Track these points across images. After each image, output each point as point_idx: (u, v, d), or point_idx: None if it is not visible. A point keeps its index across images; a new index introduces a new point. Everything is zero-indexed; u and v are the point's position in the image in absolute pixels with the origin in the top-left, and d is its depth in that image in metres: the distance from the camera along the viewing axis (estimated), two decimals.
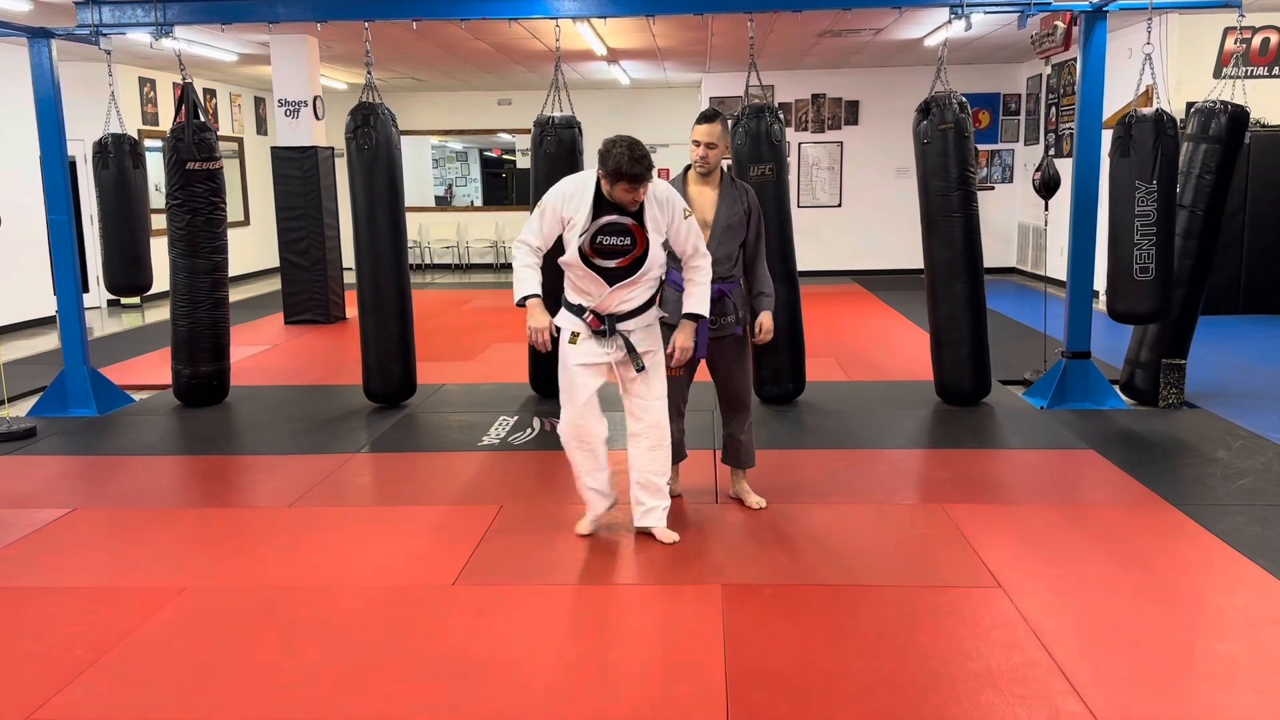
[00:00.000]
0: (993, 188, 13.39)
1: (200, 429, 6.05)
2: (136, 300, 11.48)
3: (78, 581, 3.76)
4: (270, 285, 13.00)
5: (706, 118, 4.15)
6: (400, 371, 6.33)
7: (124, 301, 11.51)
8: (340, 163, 8.43)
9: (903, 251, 12.75)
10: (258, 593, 3.62)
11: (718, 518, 4.23)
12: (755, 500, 4.37)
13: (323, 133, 10.09)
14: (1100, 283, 6.83)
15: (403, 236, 6.29)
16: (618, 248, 3.71)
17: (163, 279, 6.70)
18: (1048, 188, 6.59)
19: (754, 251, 4.22)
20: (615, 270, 3.73)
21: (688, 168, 4.25)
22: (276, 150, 9.86)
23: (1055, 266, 10.61)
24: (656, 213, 3.74)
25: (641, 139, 3.80)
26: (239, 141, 14.06)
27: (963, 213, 5.95)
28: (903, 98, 11.81)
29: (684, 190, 4.15)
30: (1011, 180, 13.48)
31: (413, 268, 13.70)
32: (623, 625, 3.39)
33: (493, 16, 6.15)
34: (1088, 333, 6.17)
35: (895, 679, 2.92)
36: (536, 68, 12.27)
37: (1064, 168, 6.61)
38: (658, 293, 3.90)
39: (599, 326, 3.80)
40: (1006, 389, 6.56)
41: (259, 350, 8.60)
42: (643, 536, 4.05)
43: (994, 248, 12.37)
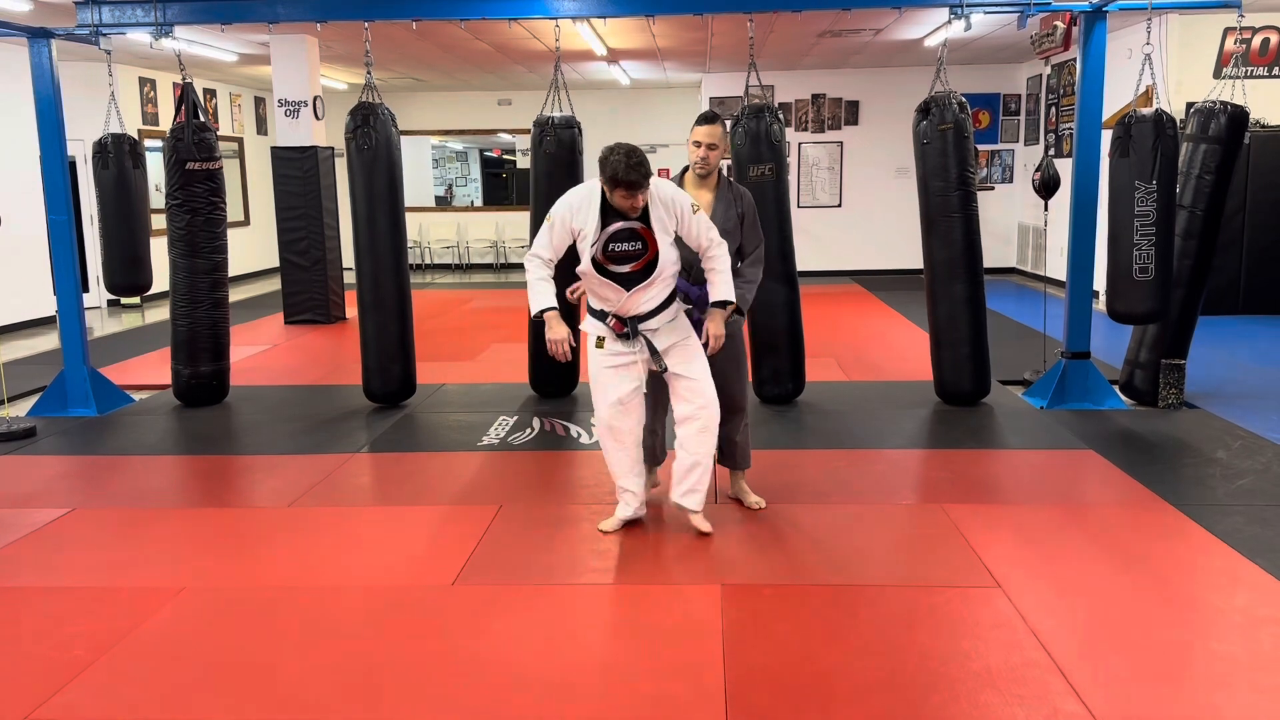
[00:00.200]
0: (993, 188, 13.39)
1: (200, 429, 6.05)
2: (136, 300, 11.49)
3: (77, 581, 3.76)
4: (270, 285, 13.00)
5: (707, 119, 4.17)
6: (400, 371, 6.33)
7: (124, 301, 11.52)
8: (340, 163, 8.43)
9: (902, 251, 12.75)
10: (257, 592, 3.63)
11: (717, 518, 4.22)
12: (754, 500, 4.38)
13: (323, 133, 10.10)
14: (1100, 283, 6.83)
15: (403, 236, 6.30)
16: (629, 253, 3.78)
17: (163, 279, 6.70)
18: (1047, 188, 6.59)
19: (749, 255, 4.23)
20: (630, 275, 3.81)
21: (685, 169, 4.26)
22: (276, 150, 9.86)
23: (1055, 266, 10.61)
24: (662, 214, 3.80)
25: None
26: (239, 141, 14.07)
27: (962, 213, 5.96)
28: (903, 98, 11.80)
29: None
30: (1011, 180, 13.48)
31: (413, 268, 13.70)
32: (622, 625, 3.39)
33: (493, 16, 6.15)
34: (1087, 333, 6.17)
35: (894, 679, 2.92)
36: (536, 68, 12.26)
37: (1064, 168, 6.60)
38: (676, 288, 3.96)
39: (622, 330, 3.88)
40: (1006, 389, 6.56)
41: (259, 350, 8.61)
42: (641, 536, 4.06)
43: (994, 248, 12.37)
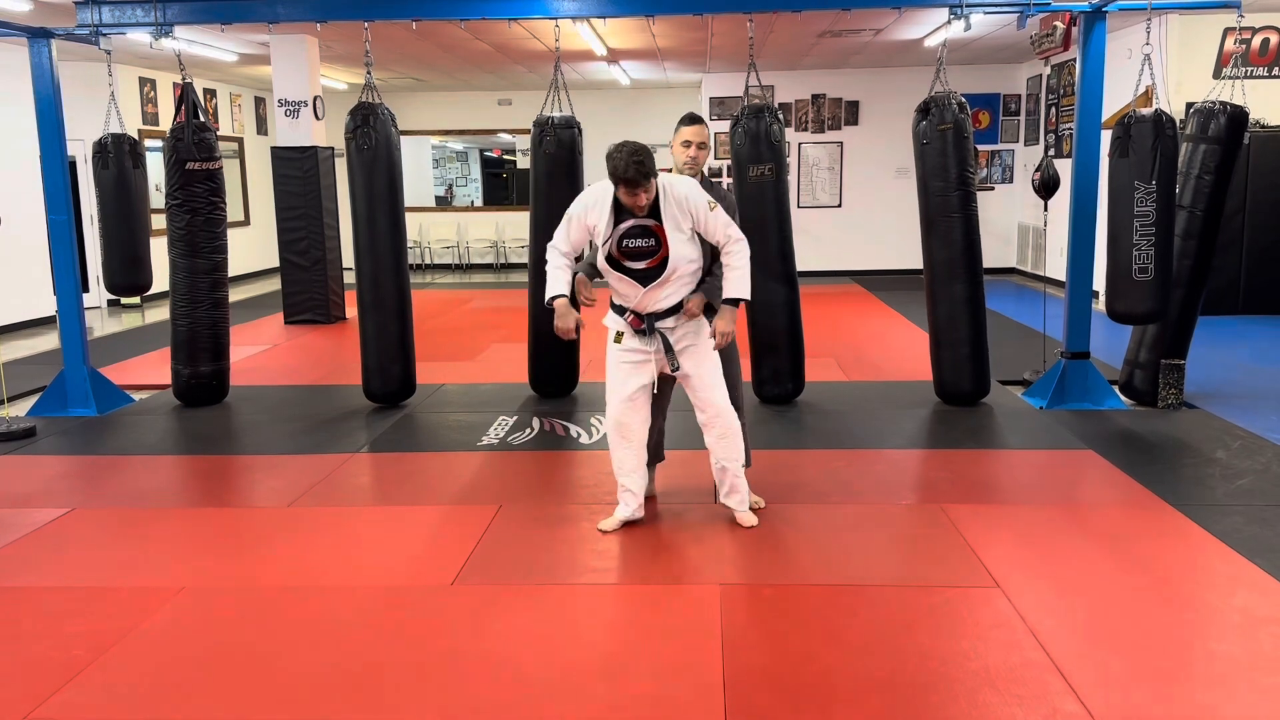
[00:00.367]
0: (992, 188, 13.39)
1: (200, 429, 6.05)
2: (136, 300, 11.49)
3: (77, 581, 3.76)
4: (270, 285, 13.00)
5: (694, 119, 4.25)
6: (400, 371, 6.33)
7: (124, 301, 11.52)
8: (340, 163, 8.43)
9: (902, 251, 12.75)
10: (256, 592, 3.63)
11: (715, 518, 4.23)
12: (754, 499, 4.37)
13: (323, 133, 10.10)
14: (1100, 283, 6.83)
15: (402, 236, 6.30)
16: (643, 249, 3.86)
17: (163, 279, 6.70)
18: (1047, 188, 6.59)
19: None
20: (645, 271, 3.87)
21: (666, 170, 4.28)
22: (276, 150, 9.87)
23: (1055, 267, 10.61)
24: (675, 212, 3.85)
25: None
26: (239, 141, 14.07)
27: (962, 213, 5.96)
28: (903, 98, 11.79)
29: None
30: (1011, 181, 13.48)
31: (413, 268, 13.70)
32: (621, 625, 3.39)
33: (493, 17, 6.15)
34: (1087, 333, 6.17)
35: (893, 679, 2.92)
36: (536, 68, 12.27)
37: (1064, 168, 6.61)
38: (695, 289, 4.00)
39: (639, 326, 3.95)
40: (1006, 389, 6.57)
41: (259, 350, 8.61)
42: (641, 536, 4.06)
43: (994, 248, 12.37)
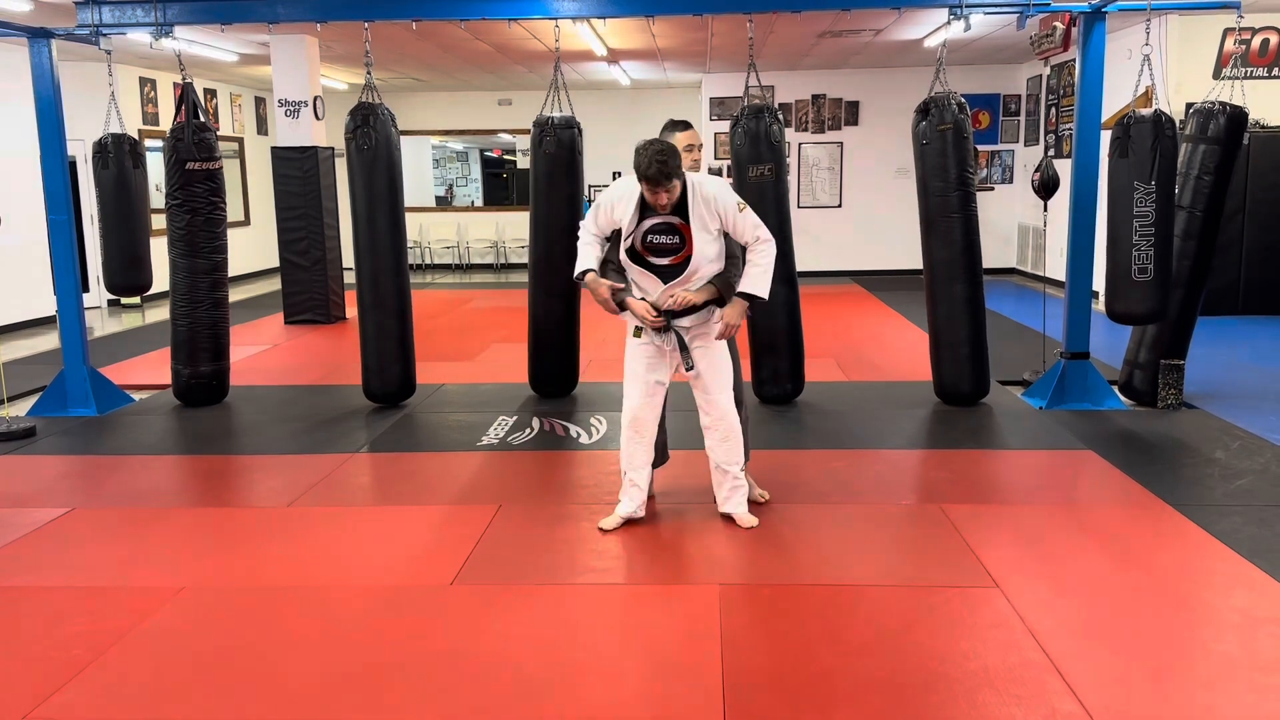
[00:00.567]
0: (992, 188, 13.39)
1: (200, 429, 6.05)
2: (136, 300, 11.49)
3: (76, 581, 3.76)
4: (270, 285, 13.00)
5: (683, 125, 4.29)
6: (400, 371, 6.33)
7: (124, 301, 11.52)
8: (340, 163, 8.43)
9: (902, 252, 12.75)
10: (256, 592, 3.63)
11: (715, 518, 4.23)
12: (758, 493, 4.42)
13: (323, 133, 10.10)
14: (1099, 283, 6.83)
15: (402, 236, 6.30)
16: (667, 245, 3.91)
17: (163, 279, 6.70)
18: (1047, 188, 6.59)
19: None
20: (667, 268, 3.92)
21: None
22: (276, 150, 9.87)
23: (1054, 267, 10.61)
24: (703, 211, 3.89)
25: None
26: (239, 141, 14.07)
27: (962, 213, 5.96)
28: (903, 98, 11.81)
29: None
30: (1011, 181, 13.48)
31: (413, 268, 13.70)
32: (620, 625, 3.39)
33: (493, 17, 6.16)
34: (1086, 333, 6.17)
35: (893, 679, 2.93)
36: (536, 68, 12.27)
37: (1063, 168, 6.61)
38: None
39: (660, 324, 3.97)
40: (1005, 389, 6.57)
41: (259, 350, 8.61)
42: (641, 536, 4.06)
43: (994, 248, 12.37)
